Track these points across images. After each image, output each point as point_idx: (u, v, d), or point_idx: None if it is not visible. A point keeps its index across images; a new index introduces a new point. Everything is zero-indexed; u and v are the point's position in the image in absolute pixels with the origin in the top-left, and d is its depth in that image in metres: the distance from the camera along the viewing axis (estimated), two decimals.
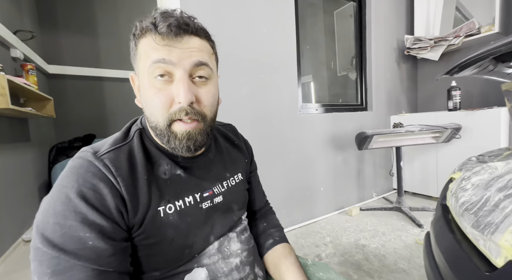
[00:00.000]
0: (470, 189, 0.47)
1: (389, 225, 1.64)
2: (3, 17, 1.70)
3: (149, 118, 0.41)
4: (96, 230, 0.34)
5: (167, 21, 0.37)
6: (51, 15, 2.49)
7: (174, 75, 0.38)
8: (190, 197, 0.44)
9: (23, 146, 1.86)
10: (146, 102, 0.40)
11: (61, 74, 2.53)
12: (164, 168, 0.43)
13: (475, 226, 0.39)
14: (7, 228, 1.55)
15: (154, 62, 0.37)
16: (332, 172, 1.91)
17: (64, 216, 0.33)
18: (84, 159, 0.38)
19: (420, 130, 1.73)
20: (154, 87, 0.38)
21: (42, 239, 0.33)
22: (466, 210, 0.43)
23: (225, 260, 0.48)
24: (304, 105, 1.84)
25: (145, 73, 0.38)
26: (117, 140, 0.42)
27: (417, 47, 2.29)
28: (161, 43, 0.37)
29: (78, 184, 0.35)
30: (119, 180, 0.37)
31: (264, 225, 0.62)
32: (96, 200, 0.35)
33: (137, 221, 0.38)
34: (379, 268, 1.19)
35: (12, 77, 1.40)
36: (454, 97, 1.98)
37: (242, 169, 0.58)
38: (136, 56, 0.40)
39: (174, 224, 0.41)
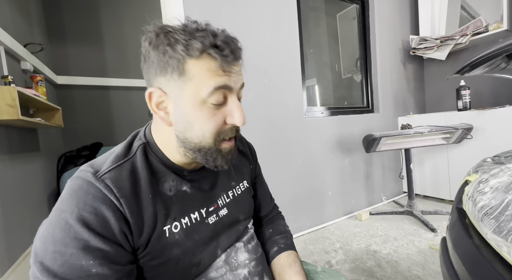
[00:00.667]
0: (489, 192, 0.45)
1: (400, 230, 1.59)
2: (15, 31, 1.75)
3: (190, 139, 0.39)
4: (100, 257, 0.32)
5: (229, 47, 0.36)
6: (59, 27, 2.56)
7: (227, 98, 0.39)
8: (196, 213, 0.43)
9: (32, 155, 1.90)
10: (192, 124, 0.38)
11: (69, 84, 2.59)
12: (169, 184, 0.41)
13: (496, 232, 0.37)
14: (17, 237, 1.56)
15: (216, 88, 0.36)
16: (340, 175, 1.88)
17: (64, 243, 0.31)
18: (84, 179, 0.35)
19: (429, 131, 1.69)
20: (209, 110, 0.37)
21: (41, 269, 0.31)
22: (486, 214, 0.41)
23: (232, 272, 0.46)
24: (310, 109, 1.82)
25: (198, 96, 0.36)
26: (118, 156, 0.39)
27: (423, 47, 2.26)
28: (223, 68, 0.37)
29: (78, 208, 0.33)
30: (122, 201, 0.35)
31: (270, 232, 0.60)
32: (98, 224, 0.33)
33: (142, 242, 0.37)
34: (392, 275, 1.14)
35: (22, 89, 1.44)
36: (464, 96, 1.93)
37: (247, 176, 0.57)
38: (181, 77, 0.36)
39: (180, 243, 0.40)
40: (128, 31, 2.87)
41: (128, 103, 2.90)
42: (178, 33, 0.36)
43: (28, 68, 1.86)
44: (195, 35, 0.35)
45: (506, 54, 0.55)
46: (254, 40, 1.49)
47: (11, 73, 1.59)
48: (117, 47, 2.83)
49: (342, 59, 2.34)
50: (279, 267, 0.54)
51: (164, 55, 0.36)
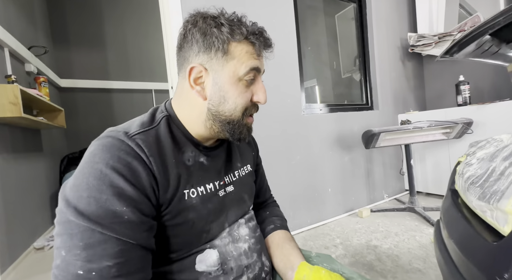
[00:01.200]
0: (475, 163, 0.44)
1: (402, 226, 1.56)
2: (20, 33, 1.81)
3: (222, 111, 0.44)
4: (132, 205, 0.35)
5: (268, 40, 0.44)
6: (63, 31, 2.63)
7: (254, 79, 0.45)
8: (210, 184, 0.46)
9: (36, 156, 1.93)
10: (226, 97, 0.43)
11: (72, 87, 2.65)
12: (188, 154, 0.45)
13: (481, 198, 0.37)
14: (19, 236, 1.58)
15: (251, 69, 0.43)
16: (340, 172, 1.87)
17: (99, 190, 0.33)
18: (115, 138, 0.38)
19: (429, 126, 1.68)
20: (242, 87, 0.43)
21: (75, 213, 0.33)
22: (472, 184, 0.41)
23: (234, 244, 0.48)
24: (308, 106, 1.83)
25: (236, 74, 0.42)
26: (144, 123, 0.43)
27: (421, 44, 2.27)
28: (258, 53, 0.44)
29: (113, 160, 0.35)
30: (151, 159, 0.38)
31: (266, 213, 0.64)
32: (131, 175, 0.35)
33: (166, 200, 0.40)
34: (392, 268, 1.12)
35: (25, 88, 1.47)
36: (463, 91, 1.92)
37: (251, 161, 0.60)
38: (224, 56, 0.42)
39: (196, 208, 0.43)
40: (130, 35, 2.93)
41: (130, 105, 2.94)
42: (223, 19, 0.42)
43: (32, 70, 1.91)
44: (236, 22, 0.42)
45: (490, 31, 0.55)
46: None
47: (15, 74, 1.63)
48: (119, 50, 2.89)
49: (341, 59, 2.36)
50: (276, 240, 0.56)
51: (211, 36, 0.41)
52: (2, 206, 1.43)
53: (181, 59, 0.45)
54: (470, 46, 0.63)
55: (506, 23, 0.53)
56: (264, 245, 0.56)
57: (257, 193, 0.65)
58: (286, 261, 0.51)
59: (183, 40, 0.44)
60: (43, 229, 1.91)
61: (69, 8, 2.66)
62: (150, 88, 3.03)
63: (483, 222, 0.38)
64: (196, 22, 0.42)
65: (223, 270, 0.44)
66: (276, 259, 0.54)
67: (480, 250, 0.36)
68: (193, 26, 0.42)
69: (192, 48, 0.43)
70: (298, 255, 0.52)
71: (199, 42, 0.42)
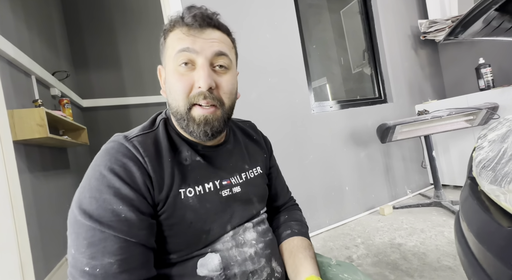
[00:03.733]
0: (486, 146, 0.41)
1: (428, 222, 1.47)
2: (44, 61, 1.97)
3: (171, 104, 0.44)
4: (128, 203, 0.37)
5: (192, 13, 0.42)
6: (82, 55, 2.83)
7: (196, 63, 0.42)
8: (210, 183, 0.46)
9: (63, 173, 2.07)
10: (170, 88, 0.43)
11: (93, 106, 2.82)
12: (185, 154, 0.45)
13: (492, 181, 0.34)
14: (52, 247, 1.69)
15: (179, 51, 0.41)
16: (357, 169, 1.81)
17: (99, 190, 0.36)
18: (116, 141, 0.41)
19: (449, 115, 1.59)
20: (177, 73, 0.42)
21: (80, 212, 0.36)
22: (483, 167, 0.38)
23: (238, 249, 0.46)
24: (317, 104, 1.80)
25: (171, 61, 0.42)
26: (144, 127, 0.46)
27: (433, 30, 2.16)
28: (186, 33, 0.41)
29: (111, 162, 0.38)
30: (146, 159, 0.40)
31: (285, 217, 0.60)
32: (126, 176, 0.38)
33: (161, 198, 0.41)
34: (419, 266, 1.06)
35: (50, 111, 1.60)
36: (485, 75, 1.80)
37: (261, 163, 0.58)
38: (164, 49, 0.44)
39: (193, 207, 0.43)
40: (142, 51, 3.09)
41: (146, 118, 3.04)
42: (175, 15, 0.43)
43: (57, 94, 2.07)
44: (179, 13, 0.43)
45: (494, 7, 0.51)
46: (255, 41, 1.53)
47: (42, 98, 1.77)
48: (133, 67, 3.05)
49: (350, 54, 2.31)
50: (290, 247, 0.53)
51: (161, 37, 0.45)
52: (36, 220, 1.54)
53: None
54: (476, 24, 0.60)
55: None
56: (276, 250, 0.53)
57: (274, 197, 0.62)
58: (297, 272, 0.48)
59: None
60: None
61: (87, 33, 2.86)
62: (164, 101, 3.15)
63: (498, 207, 0.35)
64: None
65: (226, 276, 0.43)
66: (288, 269, 0.51)
67: (495, 237, 0.33)
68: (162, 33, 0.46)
69: (160, 53, 0.46)
70: (309, 266, 0.48)
71: (160, 45, 0.45)
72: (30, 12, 1.90)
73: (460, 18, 0.59)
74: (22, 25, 1.73)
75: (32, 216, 1.46)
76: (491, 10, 0.53)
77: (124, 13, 3.02)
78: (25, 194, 1.28)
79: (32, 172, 1.59)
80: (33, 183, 1.57)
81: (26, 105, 1.56)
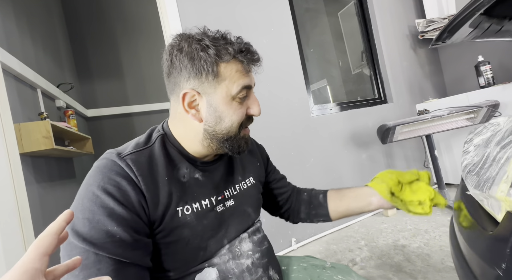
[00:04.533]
0: (472, 151, 0.42)
1: (432, 222, 1.46)
2: (49, 74, 2.03)
3: (221, 130, 0.45)
4: (123, 224, 0.36)
5: (255, 55, 0.45)
6: (86, 66, 2.89)
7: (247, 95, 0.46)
8: (206, 200, 0.46)
9: (69, 182, 2.11)
10: (222, 116, 0.44)
11: (98, 116, 2.88)
12: (183, 171, 0.45)
13: (476, 186, 0.35)
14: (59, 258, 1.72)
15: (243, 87, 0.44)
16: (359, 171, 1.81)
17: (92, 211, 0.36)
18: (109, 159, 0.40)
19: (449, 114, 1.58)
20: (236, 104, 0.45)
21: (73, 233, 0.35)
22: (469, 172, 0.39)
23: (235, 261, 0.47)
24: (317, 107, 1.81)
25: (229, 94, 0.43)
26: (139, 144, 0.45)
27: (431, 29, 2.16)
28: (247, 69, 0.45)
29: (104, 182, 0.37)
30: (140, 179, 0.39)
31: (305, 195, 0.66)
32: (120, 195, 0.37)
33: (157, 218, 0.40)
34: (423, 268, 1.05)
35: (56, 122, 1.64)
36: (484, 72, 1.79)
37: (253, 173, 0.59)
38: (215, 78, 0.42)
39: (190, 225, 0.43)
40: (144, 60, 3.15)
41: (149, 126, 3.07)
42: (207, 41, 0.42)
43: (62, 105, 2.12)
44: (221, 42, 0.43)
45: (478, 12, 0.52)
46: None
47: (47, 111, 1.82)
48: (136, 76, 3.11)
49: (349, 56, 2.32)
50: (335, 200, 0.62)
51: (199, 60, 0.42)
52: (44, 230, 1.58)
53: (171, 84, 0.45)
54: (463, 29, 0.61)
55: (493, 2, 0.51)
56: (273, 258, 0.54)
57: (281, 193, 0.66)
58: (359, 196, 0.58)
59: (171, 66, 0.44)
60: None
61: (89, 44, 2.93)
62: (166, 108, 3.19)
63: (484, 211, 0.36)
64: (182, 47, 0.42)
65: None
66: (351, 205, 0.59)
67: (481, 240, 0.34)
68: (179, 51, 0.42)
69: (182, 73, 0.43)
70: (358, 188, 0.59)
71: (188, 67, 0.42)
72: (35, 27, 1.97)
73: (445, 24, 0.60)
74: (27, 40, 1.79)
75: (39, 226, 1.49)
76: (476, 15, 0.54)
77: (124, 24, 3.09)
78: (32, 205, 1.32)
79: (39, 182, 1.63)
80: (40, 193, 1.61)
81: (32, 118, 1.61)
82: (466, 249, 0.39)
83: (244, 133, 0.48)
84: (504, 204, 0.29)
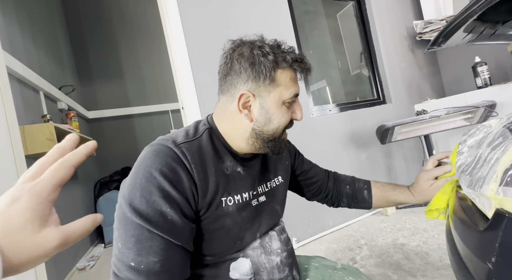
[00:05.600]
0: (466, 151, 0.44)
1: (431, 221, 1.49)
2: (51, 76, 2.04)
3: (267, 130, 0.47)
4: (175, 207, 0.39)
5: (308, 65, 0.48)
6: (87, 68, 2.91)
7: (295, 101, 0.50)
8: (246, 193, 0.49)
9: (72, 184, 2.12)
10: (272, 118, 0.47)
11: (98, 117, 2.89)
12: (227, 164, 0.48)
13: (469, 185, 0.37)
14: (63, 259, 1.73)
15: (294, 95, 0.48)
16: (358, 171, 1.83)
17: (149, 191, 0.38)
18: (165, 145, 0.43)
19: (446, 114, 1.61)
20: (285, 108, 0.48)
21: (131, 209, 0.37)
22: (462, 172, 0.41)
23: (267, 256, 0.50)
24: (317, 108, 1.83)
25: (281, 98, 0.47)
26: (189, 134, 0.47)
27: (429, 30, 2.19)
28: (296, 78, 0.49)
29: (161, 165, 0.40)
30: (193, 166, 0.42)
31: (347, 188, 0.71)
32: (175, 180, 0.40)
33: (204, 205, 0.43)
34: (421, 266, 1.08)
35: (58, 124, 1.66)
36: (481, 73, 1.82)
37: (282, 172, 0.61)
38: (271, 83, 0.46)
39: (232, 215, 0.46)
40: (144, 61, 3.17)
41: (150, 127, 3.13)
42: (267, 48, 0.46)
43: (64, 107, 2.14)
44: (278, 50, 0.46)
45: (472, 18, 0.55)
46: None
47: (49, 113, 1.84)
48: (136, 77, 3.13)
49: (348, 57, 2.35)
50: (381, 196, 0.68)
51: (259, 65, 0.45)
52: None
53: (227, 84, 0.48)
54: (458, 34, 0.63)
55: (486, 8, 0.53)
56: (294, 259, 0.56)
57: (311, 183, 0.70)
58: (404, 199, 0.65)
59: (230, 68, 0.47)
60: (83, 250, 2.08)
61: (90, 47, 2.95)
62: (166, 109, 3.22)
63: (477, 209, 0.38)
64: (243, 52, 0.46)
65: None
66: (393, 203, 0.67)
67: (474, 236, 0.36)
68: (241, 56, 0.46)
69: (241, 76, 0.46)
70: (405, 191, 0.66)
71: (248, 71, 0.45)
72: (37, 31, 1.99)
73: (441, 29, 0.62)
74: (29, 44, 1.81)
75: None
76: (469, 20, 0.57)
77: (124, 26, 3.11)
78: None
79: None
80: None
81: (35, 120, 1.63)
82: (460, 245, 0.42)
83: (284, 136, 0.51)
84: (493, 201, 0.31)
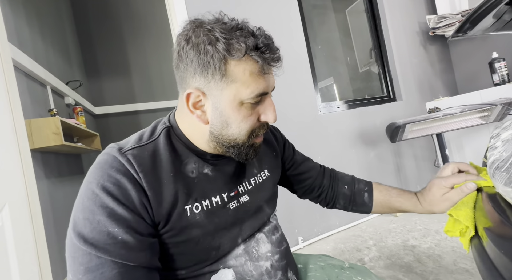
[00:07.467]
0: (500, 146, 0.40)
1: (443, 222, 1.43)
2: (58, 71, 2.05)
3: (227, 136, 0.40)
4: (124, 225, 0.33)
5: (275, 52, 0.38)
6: (94, 64, 2.92)
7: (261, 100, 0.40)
8: (217, 197, 0.43)
9: (78, 178, 2.13)
10: (229, 122, 0.39)
11: (105, 113, 2.90)
12: (191, 166, 0.42)
13: (507, 183, 0.33)
14: None
15: (258, 94, 0.38)
16: (366, 170, 1.78)
17: (92, 211, 0.33)
18: (109, 154, 0.37)
19: (461, 112, 1.54)
20: (246, 110, 0.39)
21: (75, 234, 0.33)
22: (497, 168, 0.37)
23: (254, 263, 0.44)
24: (325, 104, 1.79)
25: (238, 98, 0.37)
26: (142, 138, 0.41)
27: (443, 25, 2.11)
28: (263, 71, 0.37)
29: (103, 179, 0.35)
30: (141, 175, 0.36)
31: (345, 188, 0.61)
32: (120, 194, 0.34)
33: (163, 217, 0.37)
34: (434, 269, 1.03)
35: (65, 119, 1.66)
36: (499, 69, 1.74)
37: (269, 164, 0.55)
38: (223, 78, 0.36)
39: (201, 224, 0.40)
40: (150, 58, 3.16)
41: None
42: (218, 32, 0.35)
43: (71, 102, 2.14)
44: (235, 34, 0.35)
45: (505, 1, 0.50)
46: None
47: (56, 107, 1.84)
48: (142, 74, 3.12)
49: (357, 54, 2.29)
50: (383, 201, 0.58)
51: (205, 54, 0.35)
52: (53, 225, 1.60)
53: (179, 78, 0.41)
54: (486, 20, 0.58)
55: None
56: (291, 259, 0.51)
57: (304, 179, 0.61)
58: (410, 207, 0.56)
59: (178, 58, 0.38)
60: None
61: (98, 42, 2.95)
62: (172, 106, 3.20)
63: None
64: (189, 37, 0.37)
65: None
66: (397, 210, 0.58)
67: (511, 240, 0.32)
68: (186, 42, 0.37)
69: (188, 68, 0.38)
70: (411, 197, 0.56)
71: (194, 62, 0.36)
72: (45, 25, 1.99)
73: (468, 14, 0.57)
74: (37, 38, 1.81)
75: (49, 220, 1.51)
76: (501, 4, 0.52)
77: (132, 22, 3.10)
78: (42, 200, 1.34)
79: (49, 178, 1.65)
80: (49, 188, 1.63)
81: (42, 114, 1.63)
82: (492, 249, 0.38)
83: (254, 141, 0.42)
84: None
